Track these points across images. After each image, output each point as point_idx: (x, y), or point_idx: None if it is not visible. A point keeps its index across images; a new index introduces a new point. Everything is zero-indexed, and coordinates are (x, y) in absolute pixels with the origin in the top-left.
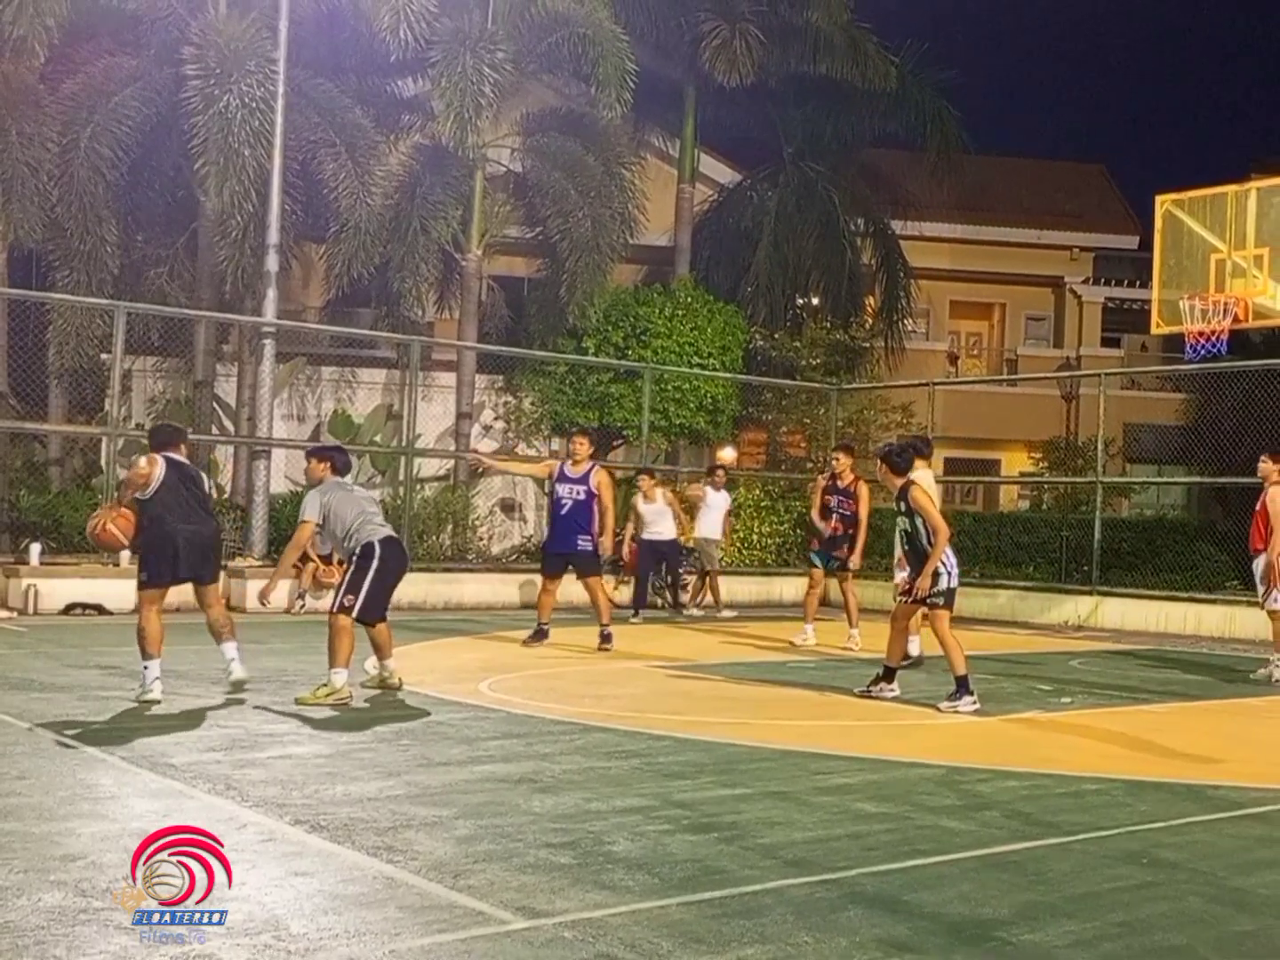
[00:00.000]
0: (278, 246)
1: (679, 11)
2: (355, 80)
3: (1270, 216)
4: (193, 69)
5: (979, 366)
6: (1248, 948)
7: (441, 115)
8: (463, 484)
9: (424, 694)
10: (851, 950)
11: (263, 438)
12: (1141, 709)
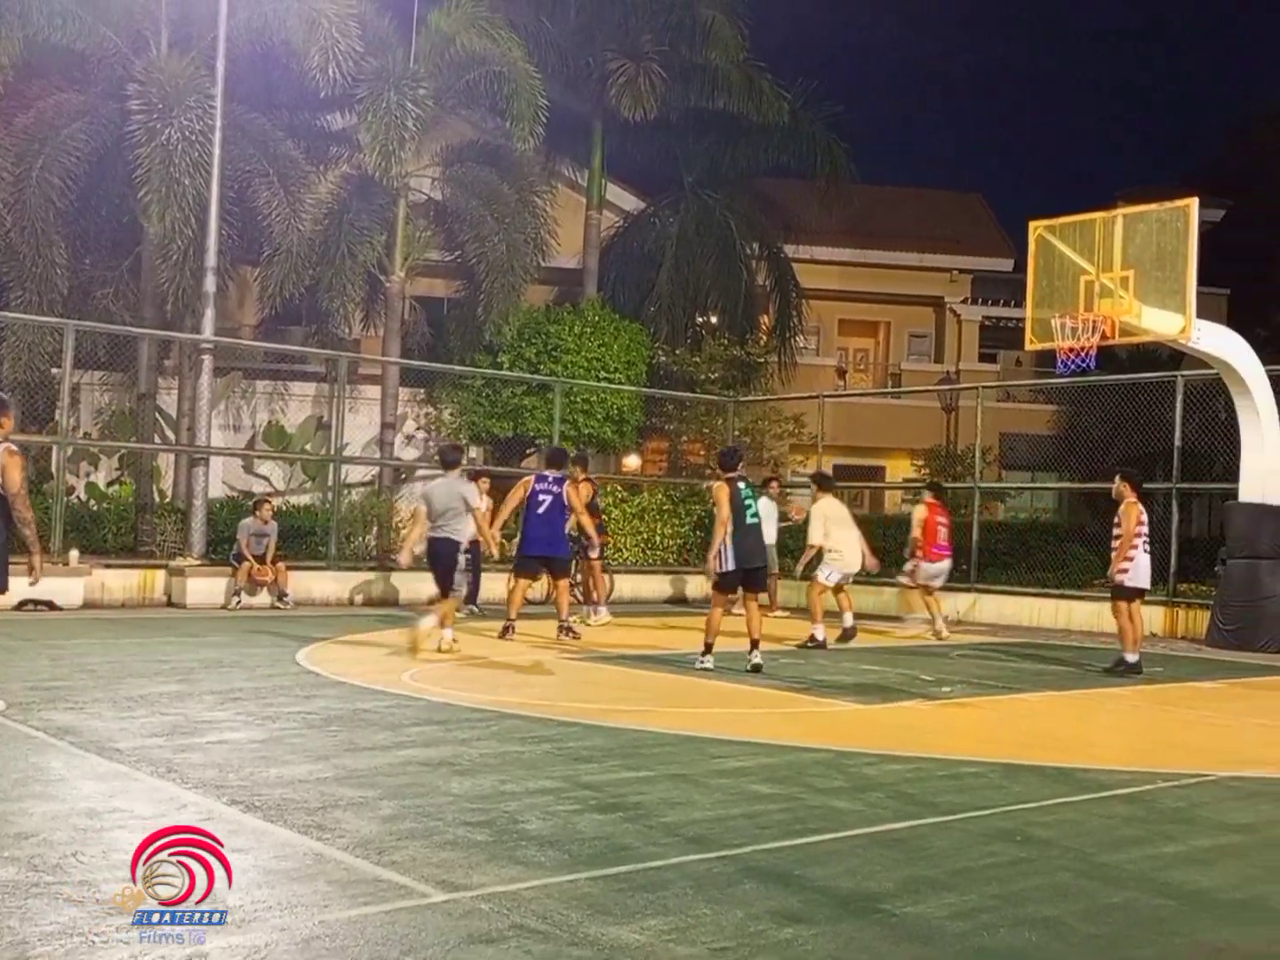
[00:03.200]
0: (215, 269)
1: (587, 51)
2: (287, 115)
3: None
4: (136, 104)
5: (866, 380)
6: (1114, 919)
7: (367, 147)
8: (387, 489)
9: (351, 684)
10: (747, 921)
11: (201, 446)
12: (1016, 698)
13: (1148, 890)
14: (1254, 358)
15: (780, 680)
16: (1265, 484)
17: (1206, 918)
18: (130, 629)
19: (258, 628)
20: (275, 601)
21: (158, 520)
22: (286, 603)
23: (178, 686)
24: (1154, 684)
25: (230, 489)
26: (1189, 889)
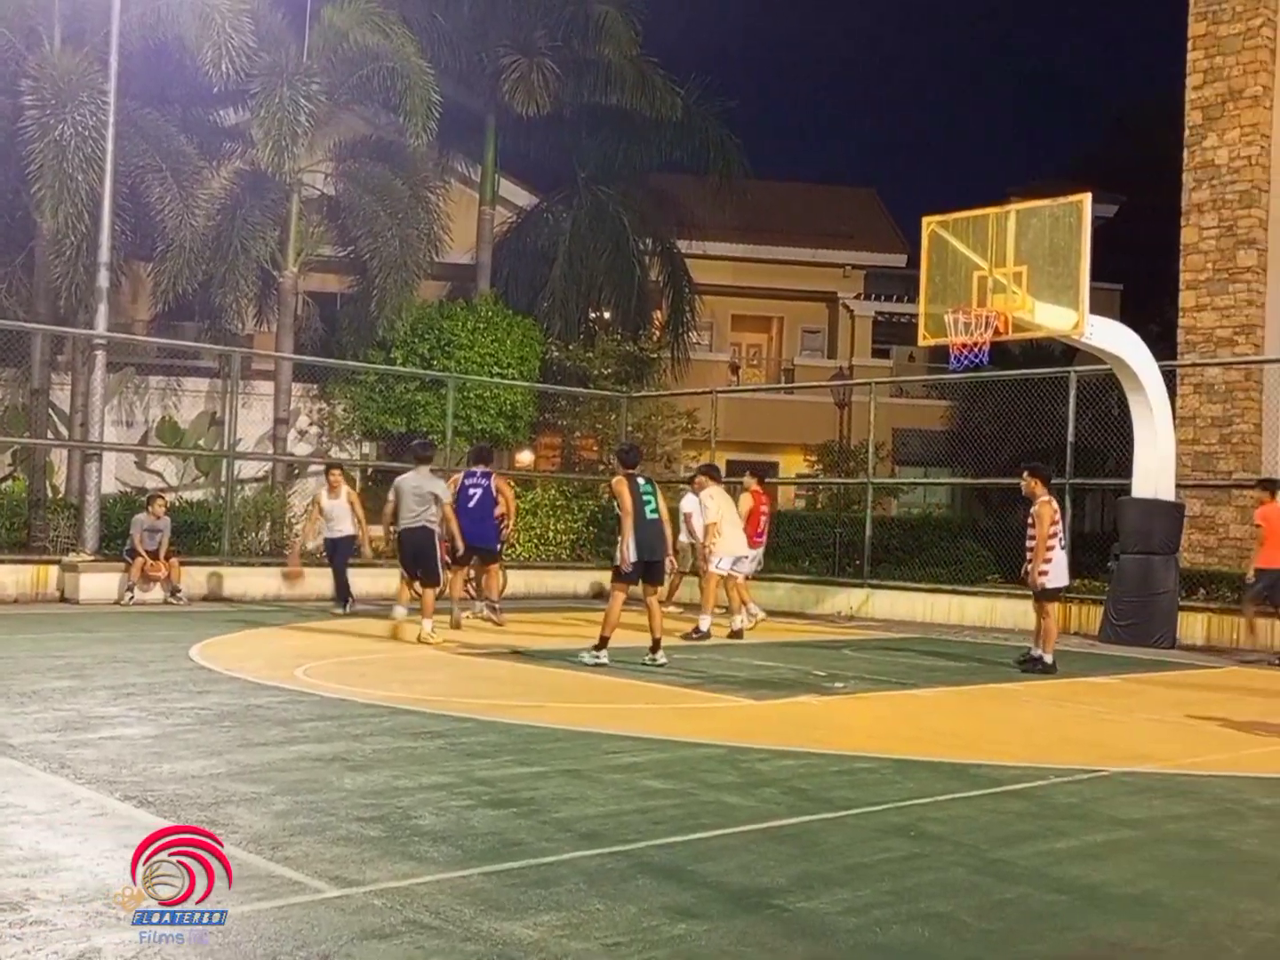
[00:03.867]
0: (109, 264)
1: (480, 46)
2: (181, 110)
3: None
4: (29, 100)
5: (759, 376)
6: (1008, 914)
7: (260, 143)
8: (280, 484)
9: (244, 679)
10: (640, 917)
11: (94, 442)
12: (909, 693)
13: (1041, 886)
14: (1147, 353)
15: (673, 675)
16: (1158, 479)
17: (1100, 913)
18: (23, 625)
19: (151, 623)
20: (169, 597)
21: (51, 516)
22: (180, 598)
23: (71, 682)
24: (1047, 680)
25: (123, 485)
26: (1082, 884)
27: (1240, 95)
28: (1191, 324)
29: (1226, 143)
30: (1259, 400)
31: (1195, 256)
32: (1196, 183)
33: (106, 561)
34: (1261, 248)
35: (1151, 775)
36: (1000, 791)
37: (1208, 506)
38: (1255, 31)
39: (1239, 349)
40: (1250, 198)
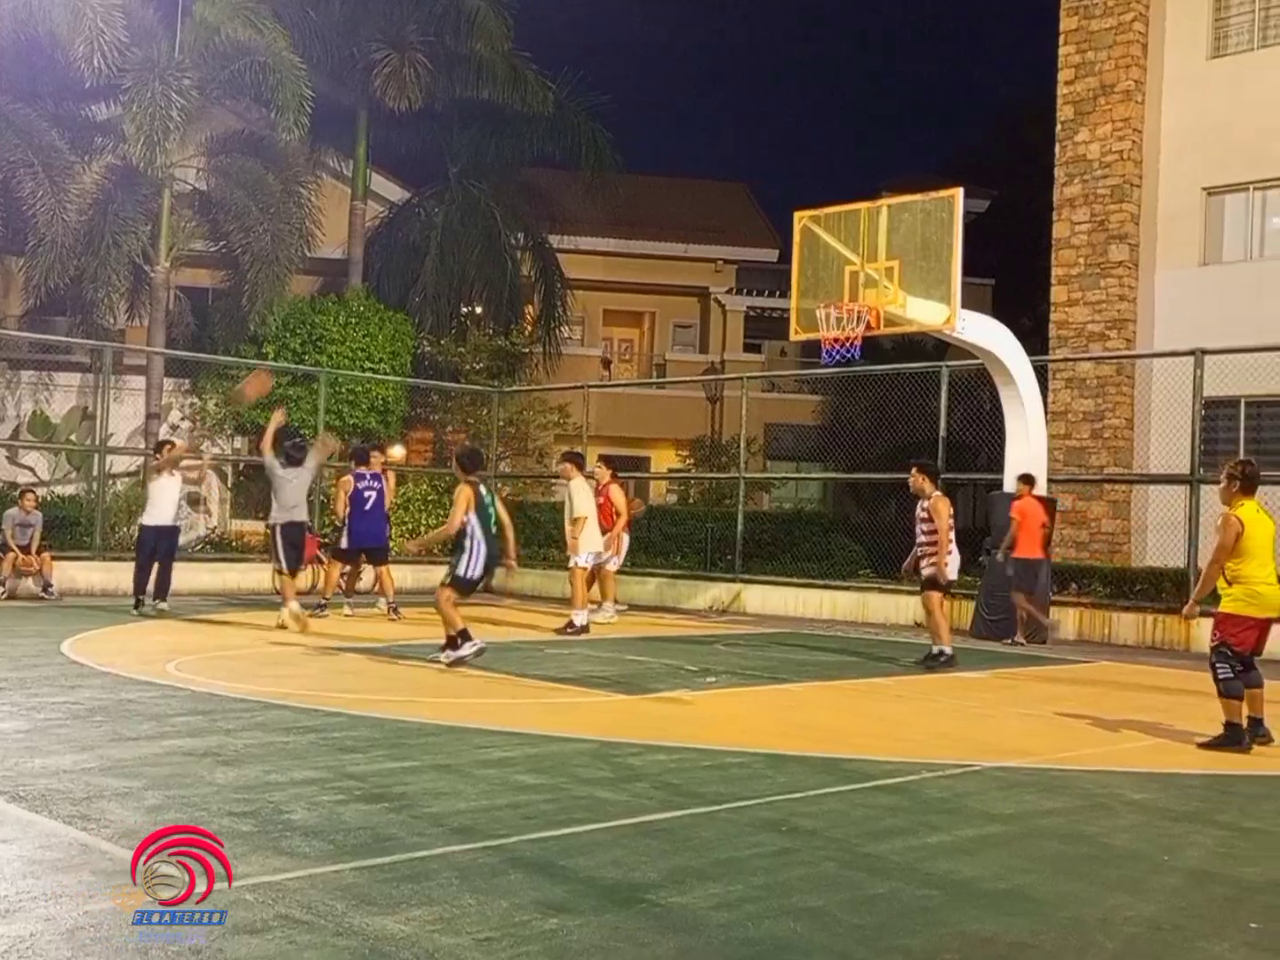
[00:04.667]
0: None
1: (352, 41)
2: (52, 105)
3: (900, 231)
4: None
5: (630, 370)
6: (878, 908)
7: (132, 138)
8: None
9: (115, 674)
10: (512, 911)
11: None
12: (781, 688)
13: (912, 880)
14: (1018, 348)
15: (545, 671)
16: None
17: (971, 907)
18: None
19: (22, 618)
20: (40, 592)
21: None
22: (51, 593)
23: None
24: (919, 674)
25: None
26: (953, 879)
27: (1112, 90)
28: (1063, 319)
29: (1098, 137)
30: (1130, 395)
31: (1067, 251)
32: (1068, 178)
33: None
34: (1133, 243)
35: (1023, 770)
36: (872, 786)
37: (1079, 501)
38: (1127, 26)
39: (1110, 344)
40: (1122, 192)
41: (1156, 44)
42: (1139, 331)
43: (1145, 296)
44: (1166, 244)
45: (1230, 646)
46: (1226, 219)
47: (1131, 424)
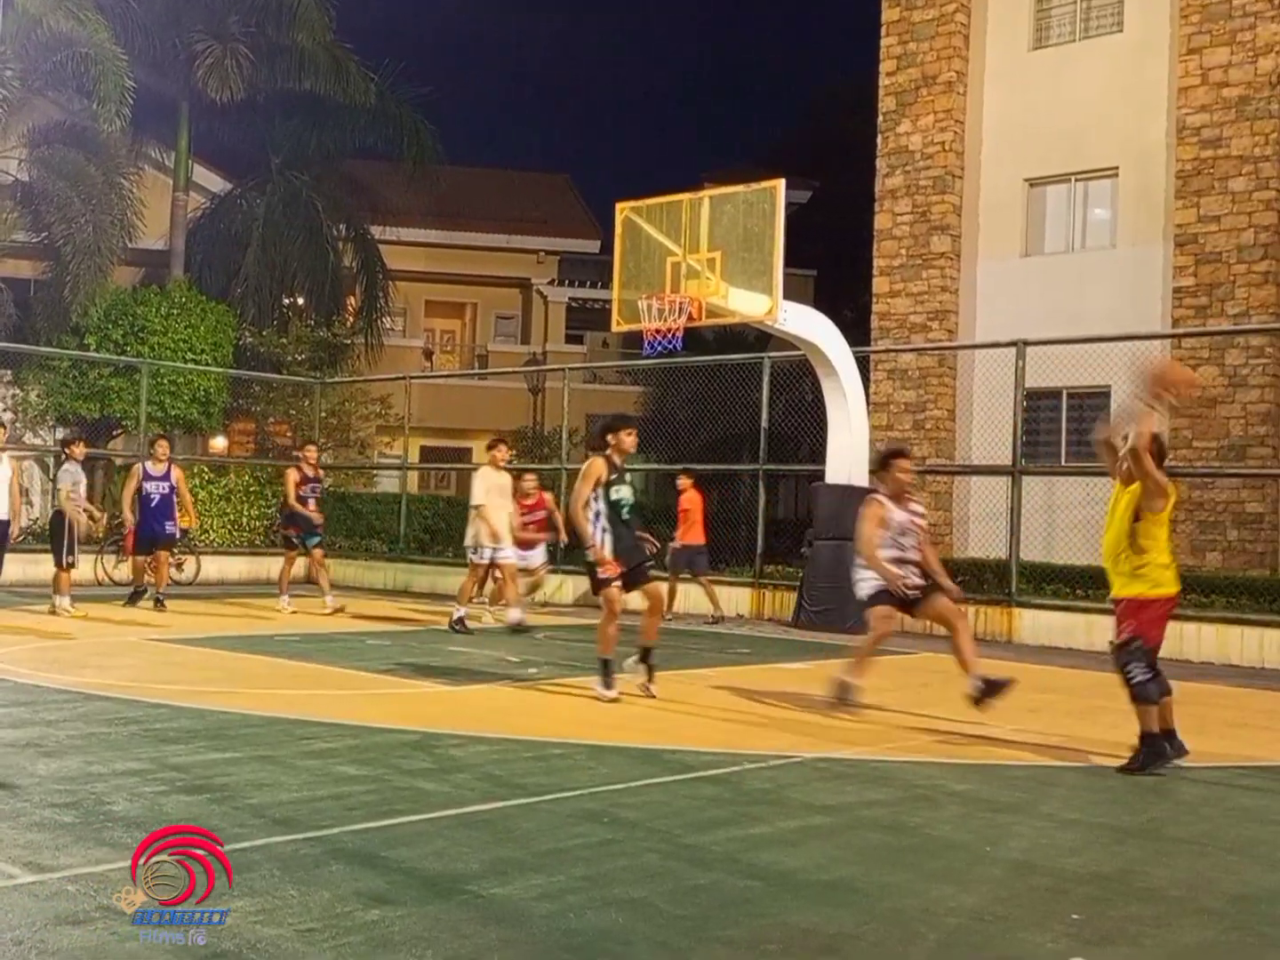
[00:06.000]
0: None
1: (174, 32)
2: None
3: (722, 223)
4: None
5: (452, 361)
6: (701, 899)
7: None
8: None
9: None
10: (334, 902)
11: None
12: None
13: (735, 871)
14: (840, 339)
15: (367, 662)
16: (851, 465)
17: (793, 899)
18: None
19: None
20: None
21: None
22: None
23: None
24: (741, 665)
25: None
26: (776, 870)
27: (934, 81)
28: (885, 310)
29: (920, 129)
30: (953, 386)
31: (889, 242)
32: (890, 169)
33: None
34: (955, 234)
35: (845, 761)
36: (693, 777)
37: None
38: (949, 17)
39: (933, 335)
40: (944, 184)
41: (978, 35)
42: (961, 323)
43: (967, 288)
44: (988, 235)
45: (1144, 640)
46: (1048, 210)
47: (954, 415)
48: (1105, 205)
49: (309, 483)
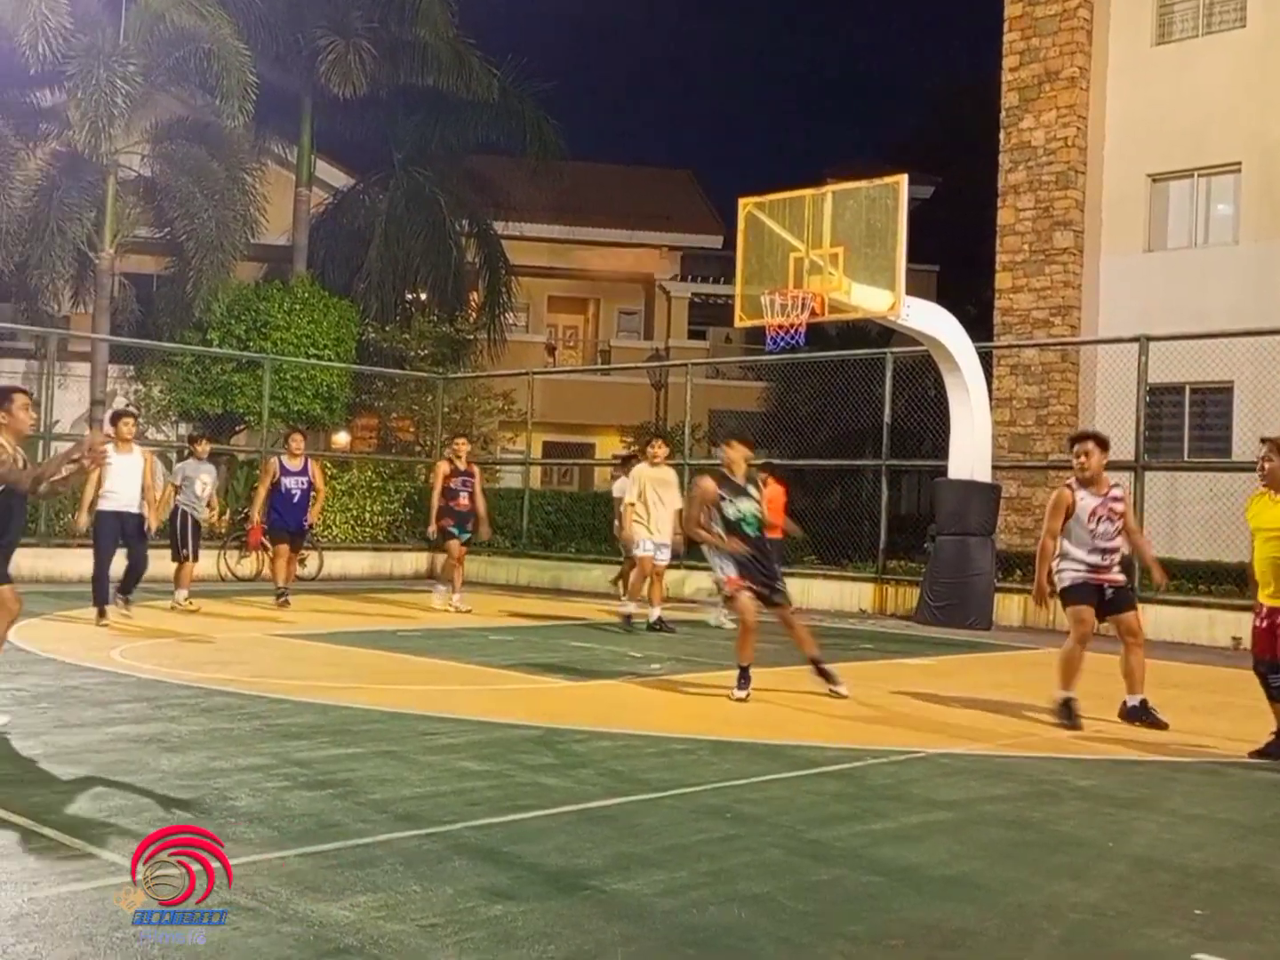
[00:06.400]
0: None
1: (297, 28)
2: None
3: (845, 218)
4: None
5: (575, 357)
6: (823, 895)
7: (77, 124)
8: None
9: (60, 660)
10: (456, 898)
11: None
12: (726, 674)
13: (857, 867)
14: (963, 334)
15: (490, 657)
16: (974, 461)
17: (915, 894)
18: None
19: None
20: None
21: None
22: None
23: None
24: (863, 661)
25: None
26: (898, 865)
27: (1057, 76)
28: (1008, 305)
29: (1043, 124)
30: (1075, 381)
31: (1012, 238)
32: (1013, 164)
33: None
34: (1078, 229)
35: (968, 757)
36: (816, 773)
37: (1024, 488)
38: (1072, 13)
39: (1055, 330)
40: (1066, 179)
41: (1101, 30)
42: (1084, 318)
43: (1090, 283)
44: (1111, 230)
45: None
46: (1171, 205)
47: (1076, 410)
48: (1228, 201)
49: (459, 476)
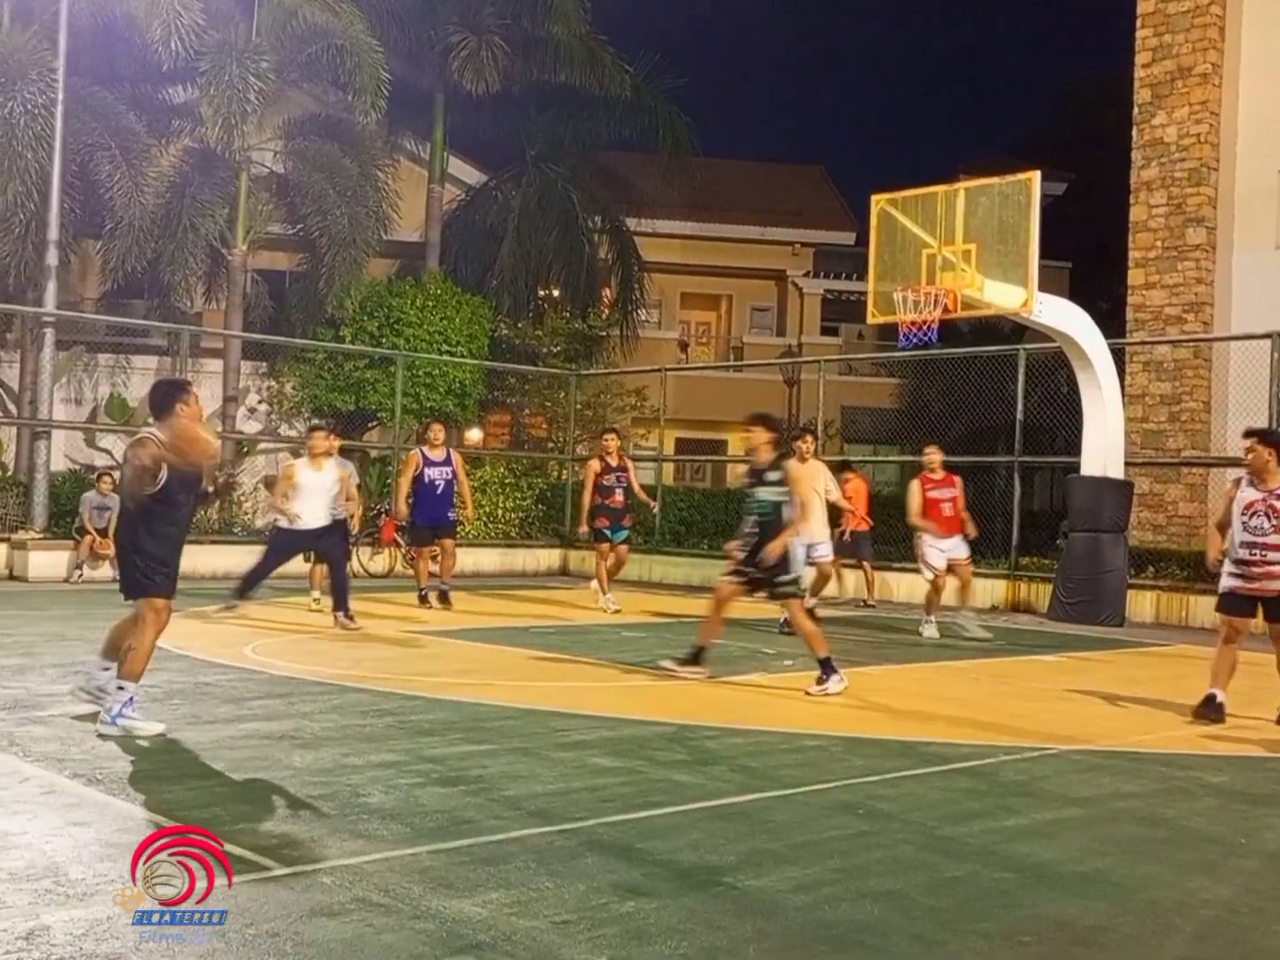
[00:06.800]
0: (57, 242)
1: (430, 24)
2: (129, 88)
3: (978, 214)
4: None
5: (708, 353)
6: (956, 891)
7: (209, 120)
8: (228, 462)
9: (193, 657)
10: (589, 894)
11: (43, 420)
12: (857, 670)
13: (989, 863)
14: (1095, 331)
15: (622, 653)
16: (1106, 457)
17: (1048, 890)
18: None
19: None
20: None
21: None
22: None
23: (19, 660)
24: (995, 657)
25: (72, 462)
26: (1031, 862)
27: (1189, 73)
28: (1140, 302)
29: (1175, 120)
30: (1208, 378)
31: (1144, 234)
32: (1145, 160)
33: (55, 539)
34: (1210, 226)
35: (1100, 753)
36: (948, 769)
37: (1156, 484)
38: (1205, 9)
39: (1188, 327)
40: (1199, 175)
41: (1234, 26)
42: (1216, 314)
43: (1222, 279)
44: (1244, 227)
45: None
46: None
47: (1209, 407)
48: None
49: (612, 472)
